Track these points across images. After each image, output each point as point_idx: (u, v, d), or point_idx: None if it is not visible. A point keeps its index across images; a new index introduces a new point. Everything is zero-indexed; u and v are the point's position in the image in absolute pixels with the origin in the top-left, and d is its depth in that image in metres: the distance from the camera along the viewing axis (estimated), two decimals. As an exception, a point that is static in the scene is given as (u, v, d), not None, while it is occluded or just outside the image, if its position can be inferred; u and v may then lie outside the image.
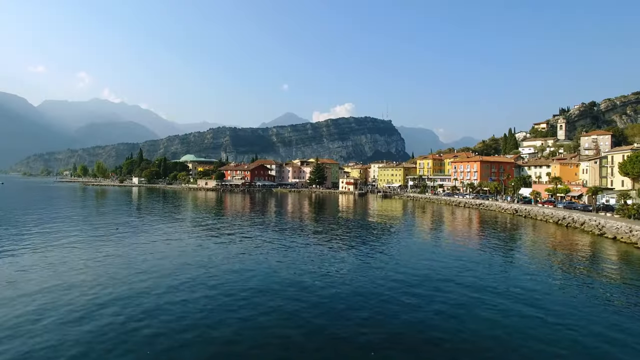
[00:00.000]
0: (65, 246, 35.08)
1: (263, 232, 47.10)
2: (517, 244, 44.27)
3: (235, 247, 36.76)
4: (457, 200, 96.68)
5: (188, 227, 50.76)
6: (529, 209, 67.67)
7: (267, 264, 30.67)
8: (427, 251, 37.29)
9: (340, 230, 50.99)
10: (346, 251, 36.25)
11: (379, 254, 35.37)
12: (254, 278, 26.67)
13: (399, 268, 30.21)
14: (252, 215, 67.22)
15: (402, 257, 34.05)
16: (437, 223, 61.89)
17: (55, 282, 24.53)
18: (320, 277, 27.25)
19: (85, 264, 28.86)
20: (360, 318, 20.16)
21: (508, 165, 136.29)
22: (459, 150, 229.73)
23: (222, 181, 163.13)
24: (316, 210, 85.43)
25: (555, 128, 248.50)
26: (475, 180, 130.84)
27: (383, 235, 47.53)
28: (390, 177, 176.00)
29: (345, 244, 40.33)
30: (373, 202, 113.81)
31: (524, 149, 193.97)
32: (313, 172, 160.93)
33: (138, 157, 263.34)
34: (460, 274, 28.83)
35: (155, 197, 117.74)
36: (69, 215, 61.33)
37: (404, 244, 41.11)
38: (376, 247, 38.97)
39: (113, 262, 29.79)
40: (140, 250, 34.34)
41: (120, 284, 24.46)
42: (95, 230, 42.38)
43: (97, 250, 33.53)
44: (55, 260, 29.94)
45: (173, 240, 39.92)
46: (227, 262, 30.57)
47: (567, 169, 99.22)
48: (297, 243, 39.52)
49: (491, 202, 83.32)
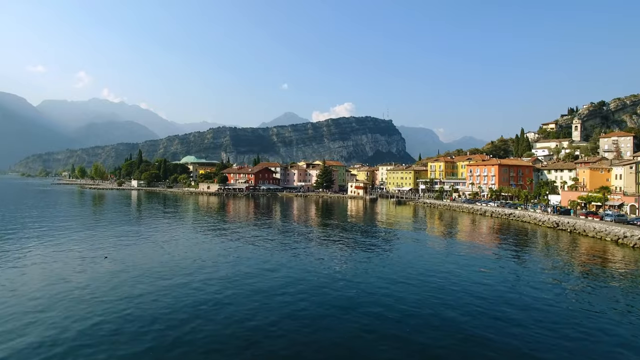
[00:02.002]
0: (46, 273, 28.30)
1: (271, 255, 40.20)
2: (604, 279, 33.53)
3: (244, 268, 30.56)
4: (481, 208, 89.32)
5: (190, 241, 44.35)
6: (572, 222, 60.40)
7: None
8: (490, 291, 30.15)
9: (361, 251, 43.95)
10: (377, 277, 29.44)
11: (428, 295, 28.35)
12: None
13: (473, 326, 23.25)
14: (258, 228, 60.19)
15: (466, 305, 26.99)
16: (474, 240, 54.72)
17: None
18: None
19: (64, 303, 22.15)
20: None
21: (527, 168, 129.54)
22: (470, 152, 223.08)
23: (225, 185, 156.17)
24: (327, 218, 78.46)
25: (564, 128, 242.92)
26: (492, 185, 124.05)
27: (417, 261, 40.37)
28: (399, 180, 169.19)
29: (375, 269, 33.65)
30: (387, 209, 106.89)
31: (538, 151, 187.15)
32: (320, 175, 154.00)
33: (137, 158, 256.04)
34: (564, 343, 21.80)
35: (154, 204, 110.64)
36: (58, 227, 54.40)
37: (458, 279, 33.76)
38: (418, 279, 31.91)
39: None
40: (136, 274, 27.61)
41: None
42: (82, 261, 35.37)
43: (82, 287, 26.66)
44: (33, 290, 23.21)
45: (174, 259, 34.49)
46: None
47: (597, 175, 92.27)
48: (316, 268, 32.70)
49: (522, 212, 75.96)
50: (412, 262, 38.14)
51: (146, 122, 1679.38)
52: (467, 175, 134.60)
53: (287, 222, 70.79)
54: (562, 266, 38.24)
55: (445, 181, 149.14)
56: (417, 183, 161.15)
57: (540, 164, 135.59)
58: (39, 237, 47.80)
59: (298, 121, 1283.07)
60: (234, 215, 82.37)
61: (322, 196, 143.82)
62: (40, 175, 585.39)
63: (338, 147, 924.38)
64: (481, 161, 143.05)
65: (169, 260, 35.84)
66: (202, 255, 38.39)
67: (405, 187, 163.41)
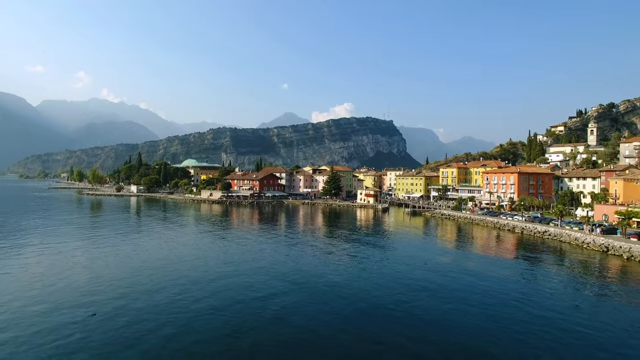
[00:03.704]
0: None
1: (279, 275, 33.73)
2: None
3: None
4: (508, 223, 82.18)
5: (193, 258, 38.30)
6: (625, 246, 53.05)
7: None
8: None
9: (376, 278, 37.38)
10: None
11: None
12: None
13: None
14: (265, 242, 53.62)
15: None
16: (520, 274, 47.99)
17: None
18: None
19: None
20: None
21: (546, 176, 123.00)
22: (480, 156, 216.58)
23: (229, 192, 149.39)
24: (337, 228, 71.86)
25: (574, 131, 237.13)
26: (512, 194, 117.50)
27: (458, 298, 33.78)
28: (409, 186, 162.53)
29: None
30: (401, 221, 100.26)
31: (552, 156, 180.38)
32: (328, 182, 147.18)
33: (137, 161, 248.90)
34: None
35: (155, 213, 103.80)
36: (50, 238, 47.85)
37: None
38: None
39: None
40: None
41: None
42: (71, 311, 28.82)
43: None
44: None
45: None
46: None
47: (632, 186, 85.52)
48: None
49: (559, 231, 68.85)
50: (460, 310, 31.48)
51: (146, 122, 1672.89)
52: (484, 183, 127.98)
53: (295, 237, 64.74)
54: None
55: (458, 188, 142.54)
56: (429, 190, 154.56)
57: (560, 171, 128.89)
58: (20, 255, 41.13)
59: (298, 121, 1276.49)
60: (238, 226, 75.92)
61: (331, 204, 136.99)
62: (38, 177, 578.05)
63: (339, 148, 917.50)
64: (497, 168, 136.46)
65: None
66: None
67: (415, 193, 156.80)
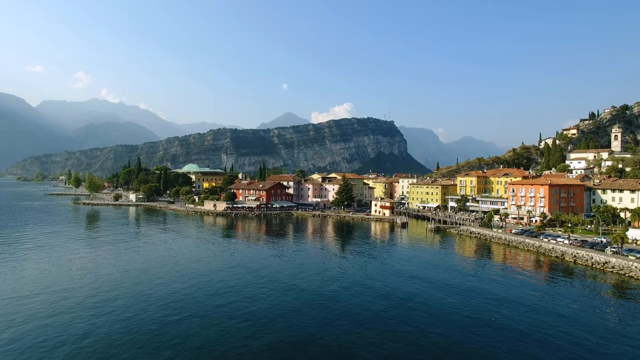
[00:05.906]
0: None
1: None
2: None
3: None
4: (553, 248, 72.09)
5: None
6: None
7: None
8: None
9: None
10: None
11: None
12: None
13: None
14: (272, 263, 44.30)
15: None
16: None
17: None
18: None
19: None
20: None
21: (577, 188, 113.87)
22: (493, 161, 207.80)
23: (234, 203, 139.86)
24: (358, 255, 62.28)
25: (586, 134, 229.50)
26: (541, 207, 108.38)
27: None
28: (425, 195, 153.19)
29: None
30: (425, 239, 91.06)
31: (573, 162, 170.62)
32: (340, 192, 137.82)
33: (136, 166, 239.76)
34: None
35: (154, 227, 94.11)
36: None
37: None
38: None
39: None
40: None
41: None
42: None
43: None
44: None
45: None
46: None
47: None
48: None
49: (624, 262, 59.19)
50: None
51: (145, 123, 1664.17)
52: (509, 195, 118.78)
53: (308, 261, 55.04)
54: None
55: (479, 199, 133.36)
56: (446, 199, 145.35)
57: (591, 181, 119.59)
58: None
59: (297, 121, 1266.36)
60: (248, 251, 66.40)
61: (344, 217, 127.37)
62: (37, 180, 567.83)
63: (340, 149, 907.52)
64: (522, 178, 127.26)
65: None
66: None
67: (431, 203, 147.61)
